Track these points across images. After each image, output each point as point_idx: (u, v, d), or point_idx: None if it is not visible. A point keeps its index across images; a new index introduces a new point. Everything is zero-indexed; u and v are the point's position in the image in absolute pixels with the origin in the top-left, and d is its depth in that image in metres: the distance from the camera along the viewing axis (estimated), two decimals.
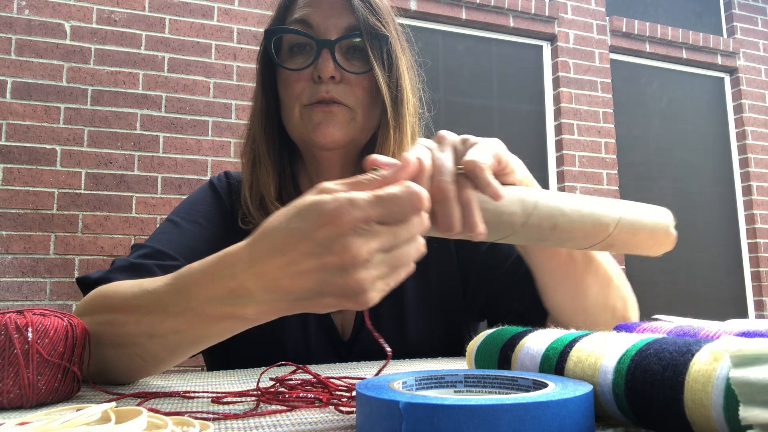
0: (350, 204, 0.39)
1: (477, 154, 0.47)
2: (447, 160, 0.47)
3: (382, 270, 0.41)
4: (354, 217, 0.39)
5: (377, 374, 0.49)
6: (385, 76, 0.77)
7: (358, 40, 0.76)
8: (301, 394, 0.46)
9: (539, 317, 0.72)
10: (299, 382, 0.51)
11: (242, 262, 0.44)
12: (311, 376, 0.52)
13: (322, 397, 0.45)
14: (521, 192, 0.49)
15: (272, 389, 0.49)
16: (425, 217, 0.42)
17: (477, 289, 0.82)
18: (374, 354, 0.77)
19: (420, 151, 0.46)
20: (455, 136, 0.51)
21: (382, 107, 0.78)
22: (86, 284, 0.67)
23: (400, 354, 0.77)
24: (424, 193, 0.40)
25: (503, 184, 0.49)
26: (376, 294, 0.41)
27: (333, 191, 0.40)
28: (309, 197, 0.41)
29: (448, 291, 0.83)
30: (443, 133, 0.51)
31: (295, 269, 0.41)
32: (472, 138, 0.50)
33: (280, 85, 0.79)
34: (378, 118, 0.80)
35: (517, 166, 0.53)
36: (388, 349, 0.48)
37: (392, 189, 0.40)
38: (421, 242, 0.42)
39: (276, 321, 0.59)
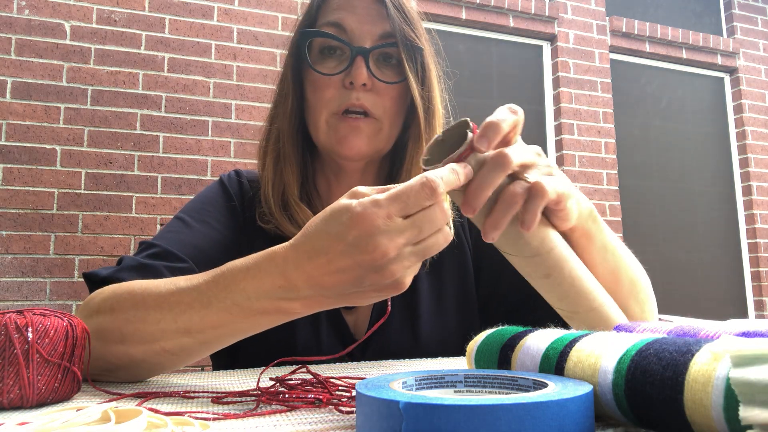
0: (373, 204, 0.43)
1: (550, 183, 0.49)
2: (518, 156, 0.48)
3: (412, 260, 0.44)
4: (377, 216, 0.43)
5: (375, 327, 0.50)
6: (419, 88, 0.77)
7: (392, 49, 0.76)
8: (301, 395, 0.46)
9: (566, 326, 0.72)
10: (299, 382, 0.51)
11: (289, 261, 0.47)
12: (312, 376, 0.52)
13: (322, 397, 0.45)
14: (550, 235, 0.52)
15: (272, 389, 0.49)
16: (447, 207, 0.45)
17: (505, 294, 0.82)
18: (389, 354, 0.77)
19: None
20: (546, 159, 0.52)
21: (409, 118, 0.80)
22: (93, 281, 0.67)
23: (413, 353, 0.78)
24: (436, 182, 0.43)
25: (551, 221, 0.53)
26: (410, 278, 0.46)
27: (361, 195, 0.45)
28: (341, 201, 0.45)
29: (462, 293, 0.83)
30: (539, 150, 0.53)
31: (334, 267, 0.45)
32: (556, 170, 0.52)
33: (309, 87, 0.78)
34: (401, 127, 0.80)
35: (572, 216, 0.53)
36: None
37: (408, 182, 0.44)
38: (447, 231, 0.46)
39: (287, 322, 0.60)
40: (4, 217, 2.25)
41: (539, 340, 0.40)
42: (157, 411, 0.39)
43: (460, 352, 0.80)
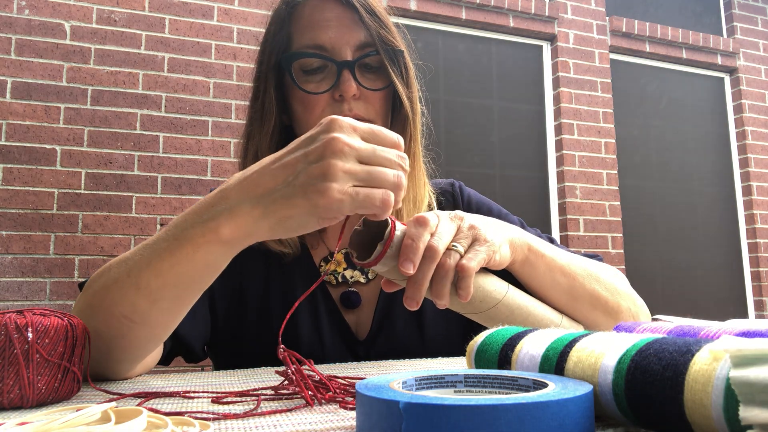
0: (350, 121, 0.47)
1: (473, 258, 0.54)
2: (443, 240, 0.54)
3: (355, 169, 0.45)
4: (347, 123, 0.47)
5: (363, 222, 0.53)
6: (405, 90, 0.79)
7: (375, 56, 0.77)
8: (310, 393, 0.46)
9: None
10: (300, 381, 0.51)
11: (236, 175, 0.51)
12: (320, 374, 0.52)
13: (323, 396, 0.45)
14: (492, 293, 0.58)
15: (272, 389, 0.49)
16: (405, 156, 0.49)
17: None
18: (393, 353, 0.78)
19: (432, 217, 0.55)
20: (468, 220, 0.58)
21: (396, 118, 0.81)
22: None
23: (419, 354, 0.78)
24: (401, 142, 0.50)
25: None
26: (340, 190, 0.45)
27: None
28: None
29: None
30: (461, 213, 0.59)
31: (278, 164, 0.47)
32: (480, 230, 0.57)
33: (298, 105, 0.79)
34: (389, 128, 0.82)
35: (503, 262, 0.60)
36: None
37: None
38: (389, 197, 0.47)
39: (289, 322, 0.59)
40: (4, 217, 2.25)
41: (539, 340, 0.40)
42: (157, 411, 0.39)
43: (461, 352, 0.80)
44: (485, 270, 0.59)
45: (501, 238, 0.59)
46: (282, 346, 0.49)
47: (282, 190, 0.46)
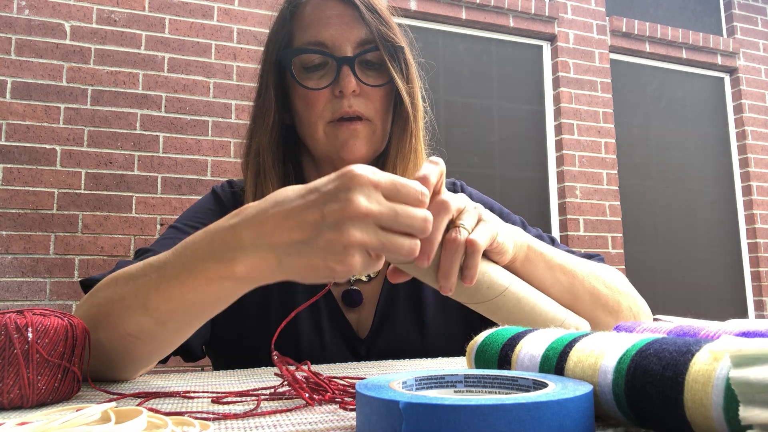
0: (368, 169, 0.43)
1: (480, 234, 0.53)
2: (454, 202, 0.52)
3: (372, 239, 0.42)
4: (366, 177, 0.42)
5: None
6: (406, 86, 0.79)
7: (375, 53, 0.77)
8: (306, 395, 0.46)
9: None
10: (300, 381, 0.51)
11: (249, 209, 0.47)
12: (313, 376, 0.52)
13: (323, 397, 0.45)
14: (497, 279, 0.56)
15: (272, 389, 0.49)
16: (428, 216, 0.45)
17: None
18: (394, 352, 0.78)
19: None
20: (471, 203, 0.57)
21: (397, 115, 0.81)
22: (89, 286, 0.67)
23: (420, 353, 0.78)
24: (427, 193, 0.45)
25: (494, 261, 0.58)
26: (358, 262, 0.43)
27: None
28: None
29: None
30: (464, 196, 0.58)
31: (295, 219, 0.43)
32: (482, 211, 0.57)
33: (299, 102, 0.79)
34: (390, 125, 0.83)
35: (507, 249, 0.58)
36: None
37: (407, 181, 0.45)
38: (415, 243, 0.45)
39: (290, 321, 0.58)
40: (4, 217, 2.25)
41: (539, 340, 0.40)
42: (157, 411, 0.39)
43: (462, 350, 0.80)
44: (489, 260, 0.59)
45: (506, 228, 0.59)
46: (275, 352, 0.48)
47: (299, 246, 0.44)
